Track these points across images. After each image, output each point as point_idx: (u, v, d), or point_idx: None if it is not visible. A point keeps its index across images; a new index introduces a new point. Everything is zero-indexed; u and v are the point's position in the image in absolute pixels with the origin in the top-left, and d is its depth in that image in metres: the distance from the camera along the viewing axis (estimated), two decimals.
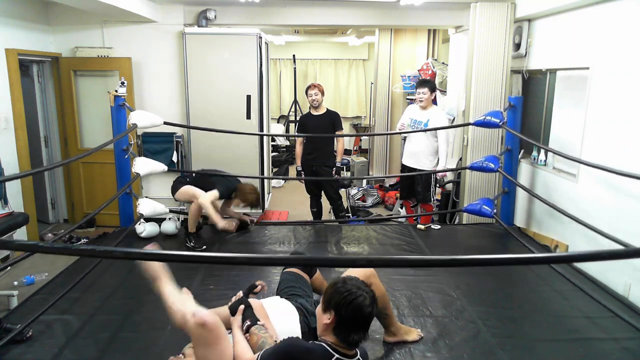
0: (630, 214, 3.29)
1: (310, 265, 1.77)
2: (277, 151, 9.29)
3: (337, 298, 1.73)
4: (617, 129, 3.48)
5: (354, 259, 1.78)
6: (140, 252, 1.48)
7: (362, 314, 1.72)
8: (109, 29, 5.36)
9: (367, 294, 1.76)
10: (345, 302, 1.71)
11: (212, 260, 1.75)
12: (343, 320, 1.71)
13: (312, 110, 5.00)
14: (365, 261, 1.79)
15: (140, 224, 4.30)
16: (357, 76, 10.82)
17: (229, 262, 1.74)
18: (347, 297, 1.72)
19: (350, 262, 1.84)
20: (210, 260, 1.76)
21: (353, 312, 1.70)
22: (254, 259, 1.67)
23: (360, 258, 1.79)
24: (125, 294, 3.26)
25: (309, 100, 4.92)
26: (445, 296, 3.24)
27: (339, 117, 5.08)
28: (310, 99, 4.90)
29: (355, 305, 1.71)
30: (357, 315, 1.70)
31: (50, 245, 1.56)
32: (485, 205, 4.52)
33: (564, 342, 2.76)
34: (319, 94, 4.88)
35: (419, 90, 4.69)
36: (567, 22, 4.09)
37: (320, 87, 4.97)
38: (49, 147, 5.50)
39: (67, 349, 2.60)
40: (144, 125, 4.26)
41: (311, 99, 4.90)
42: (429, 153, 4.71)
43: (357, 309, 1.70)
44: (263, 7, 5.40)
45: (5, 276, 3.96)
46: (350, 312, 1.70)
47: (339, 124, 5.01)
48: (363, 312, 1.72)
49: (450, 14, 5.48)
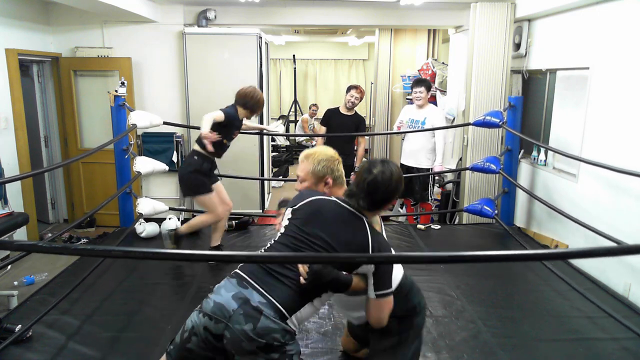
0: (630, 214, 3.29)
1: (309, 262, 1.77)
2: (277, 151, 9.28)
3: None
4: (617, 129, 3.48)
5: (355, 255, 1.77)
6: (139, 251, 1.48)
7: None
8: (109, 29, 5.36)
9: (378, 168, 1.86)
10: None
11: (212, 258, 1.74)
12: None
13: (342, 109, 4.98)
14: (366, 258, 1.79)
15: (140, 223, 4.30)
16: (357, 76, 10.82)
17: (229, 260, 1.73)
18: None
19: (350, 259, 1.84)
20: (209, 258, 1.75)
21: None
22: (252, 256, 1.66)
23: (361, 255, 1.78)
24: (126, 294, 3.26)
25: (347, 99, 4.88)
26: (445, 296, 3.24)
27: (364, 122, 5.10)
28: (349, 100, 4.86)
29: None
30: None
31: (49, 245, 1.56)
32: (486, 205, 4.52)
33: (564, 342, 2.76)
34: (359, 98, 4.86)
35: (416, 90, 4.74)
36: (567, 22, 4.09)
37: (363, 92, 4.94)
38: (49, 147, 5.50)
39: (67, 349, 2.60)
40: (143, 125, 4.26)
41: (349, 100, 4.86)
42: (427, 151, 4.73)
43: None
44: (263, 7, 5.39)
45: (5, 276, 3.95)
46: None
47: (362, 128, 5.03)
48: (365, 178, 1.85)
49: (450, 14, 5.48)
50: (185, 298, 3.19)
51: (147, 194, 5.50)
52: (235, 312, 1.63)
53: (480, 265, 3.62)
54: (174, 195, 5.62)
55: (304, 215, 1.86)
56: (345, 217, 1.85)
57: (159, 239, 4.30)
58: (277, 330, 1.65)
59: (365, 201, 1.83)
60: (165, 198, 5.33)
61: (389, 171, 1.83)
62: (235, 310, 1.63)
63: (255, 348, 1.62)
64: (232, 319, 1.63)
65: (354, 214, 1.87)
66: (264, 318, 1.64)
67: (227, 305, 1.64)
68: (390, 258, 1.88)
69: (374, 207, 1.86)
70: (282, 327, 1.67)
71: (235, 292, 1.68)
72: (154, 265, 3.73)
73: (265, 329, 1.63)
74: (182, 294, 3.26)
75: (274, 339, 1.64)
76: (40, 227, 5.19)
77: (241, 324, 1.62)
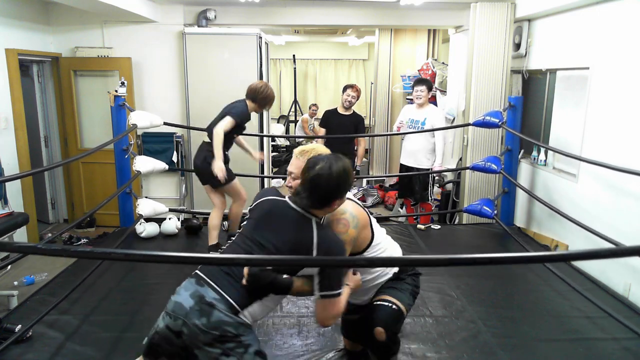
0: (630, 214, 3.29)
1: (307, 265, 1.78)
2: (277, 151, 9.28)
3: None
4: (617, 129, 3.47)
5: (354, 258, 1.77)
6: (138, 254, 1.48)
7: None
8: (109, 29, 5.36)
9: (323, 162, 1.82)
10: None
11: (212, 261, 1.75)
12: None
13: (339, 109, 4.98)
14: (365, 261, 1.78)
15: (140, 224, 4.30)
16: (357, 76, 10.81)
17: (229, 263, 1.74)
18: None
19: (350, 262, 1.83)
20: (209, 261, 1.75)
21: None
22: (252, 259, 1.67)
23: (360, 258, 1.78)
24: (126, 294, 3.26)
25: (343, 99, 4.89)
26: (445, 296, 3.24)
27: (363, 122, 5.10)
28: (345, 99, 4.87)
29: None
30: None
31: (48, 247, 1.56)
32: (486, 206, 4.52)
33: (564, 342, 2.76)
34: (355, 97, 4.86)
35: (417, 89, 4.73)
36: (567, 22, 4.09)
37: (359, 91, 4.94)
38: (49, 147, 5.50)
39: (67, 349, 2.60)
40: (143, 126, 4.26)
41: (346, 99, 4.86)
42: (427, 151, 4.73)
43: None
44: (263, 7, 5.39)
45: (5, 276, 3.95)
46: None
47: (361, 128, 5.02)
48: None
49: (450, 14, 5.48)
50: None
51: (147, 194, 5.50)
52: (192, 309, 1.73)
53: (481, 266, 3.62)
54: (174, 195, 5.62)
55: (256, 216, 1.92)
56: (292, 218, 1.85)
57: (159, 239, 4.30)
58: (230, 323, 1.74)
59: (309, 199, 1.80)
60: (165, 198, 5.34)
61: (329, 166, 1.78)
62: (191, 307, 1.73)
63: (210, 340, 1.72)
64: (188, 315, 1.73)
65: (302, 215, 1.85)
66: (217, 312, 1.73)
67: (185, 303, 1.75)
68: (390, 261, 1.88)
69: (319, 204, 1.83)
70: (234, 320, 1.75)
71: (193, 291, 1.77)
72: (153, 265, 3.73)
73: (218, 321, 1.72)
74: None
75: (226, 330, 1.73)
76: (40, 227, 5.19)
77: (196, 319, 1.72)
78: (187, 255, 1.67)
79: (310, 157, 1.89)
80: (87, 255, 1.97)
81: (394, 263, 2.10)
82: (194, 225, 4.49)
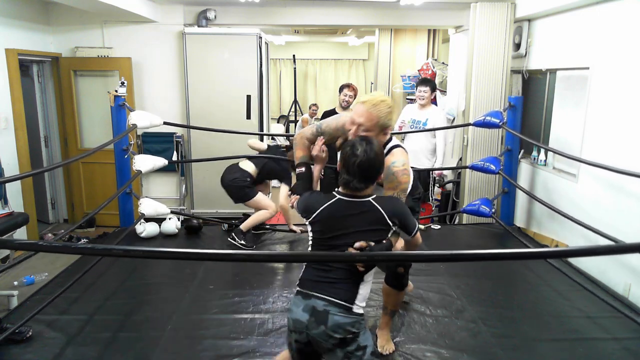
0: (630, 214, 3.29)
1: (309, 261, 1.86)
2: None
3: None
4: (617, 129, 3.47)
5: (355, 254, 1.80)
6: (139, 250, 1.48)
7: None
8: (109, 29, 5.36)
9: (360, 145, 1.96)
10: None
11: (213, 257, 1.75)
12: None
13: (337, 109, 4.96)
14: (366, 257, 1.80)
15: (140, 223, 4.29)
16: (357, 76, 10.82)
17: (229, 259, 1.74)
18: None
19: (350, 257, 1.85)
20: (210, 257, 1.76)
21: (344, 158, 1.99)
22: (252, 255, 1.67)
23: (361, 253, 1.80)
24: (126, 294, 3.26)
25: (341, 99, 4.83)
26: (445, 296, 3.23)
27: None
28: (343, 99, 4.81)
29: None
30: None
31: (50, 244, 1.56)
32: (484, 205, 4.52)
33: (564, 342, 2.76)
34: (353, 96, 4.83)
35: (420, 89, 4.68)
36: (567, 22, 4.09)
37: (356, 90, 4.91)
38: (49, 147, 5.50)
39: (67, 349, 2.60)
40: (143, 125, 4.25)
41: (343, 99, 4.80)
42: (428, 152, 4.71)
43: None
44: (263, 7, 5.40)
45: (5, 276, 3.95)
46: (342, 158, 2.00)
47: None
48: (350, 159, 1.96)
49: (450, 14, 5.49)
50: (185, 298, 3.19)
51: (147, 193, 5.50)
52: (309, 321, 1.89)
53: (481, 265, 3.62)
54: (174, 195, 5.63)
55: (322, 227, 2.00)
56: (354, 208, 1.97)
57: (159, 239, 4.30)
58: (347, 323, 1.88)
59: (360, 182, 1.94)
60: (165, 198, 5.34)
61: (369, 148, 1.94)
62: (308, 319, 1.90)
63: (332, 345, 1.88)
64: (309, 327, 1.89)
65: (359, 203, 1.97)
66: (332, 316, 1.88)
67: (301, 318, 1.91)
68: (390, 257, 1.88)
69: (372, 182, 2.00)
70: (350, 318, 1.89)
71: (303, 306, 1.92)
72: (154, 265, 3.73)
73: (336, 325, 1.87)
74: (182, 294, 3.26)
75: (346, 331, 1.87)
76: (40, 227, 5.19)
77: (316, 328, 1.88)
78: (185, 251, 1.67)
79: (345, 146, 2.04)
80: (87, 251, 1.97)
81: (398, 259, 2.16)
82: (194, 226, 4.48)
